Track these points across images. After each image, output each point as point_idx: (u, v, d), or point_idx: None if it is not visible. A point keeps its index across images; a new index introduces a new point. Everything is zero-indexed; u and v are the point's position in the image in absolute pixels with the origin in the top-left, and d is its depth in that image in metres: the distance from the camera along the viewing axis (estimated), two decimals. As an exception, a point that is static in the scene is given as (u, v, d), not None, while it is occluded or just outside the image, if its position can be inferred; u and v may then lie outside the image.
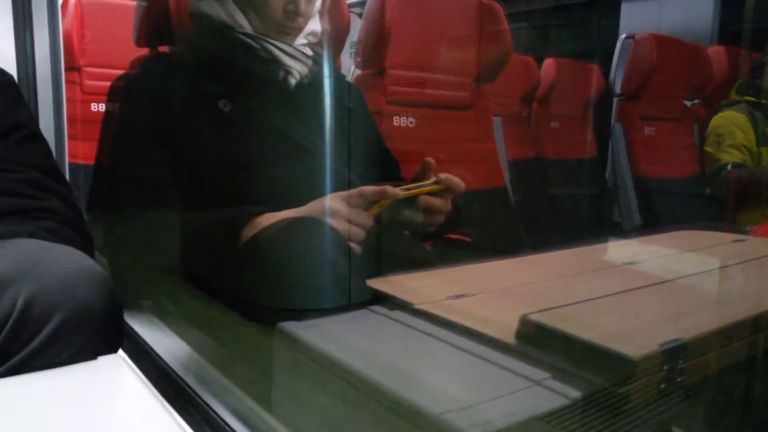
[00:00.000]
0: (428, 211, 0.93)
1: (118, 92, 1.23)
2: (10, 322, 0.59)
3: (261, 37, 0.98)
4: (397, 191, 0.87)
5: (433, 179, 0.93)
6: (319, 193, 0.88)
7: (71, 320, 0.61)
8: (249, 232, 0.83)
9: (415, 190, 0.92)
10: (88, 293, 0.63)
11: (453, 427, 0.43)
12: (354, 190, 0.85)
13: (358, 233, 0.84)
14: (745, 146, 2.24)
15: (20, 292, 0.60)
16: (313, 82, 1.02)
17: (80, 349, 0.62)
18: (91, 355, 0.64)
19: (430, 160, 0.93)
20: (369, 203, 0.86)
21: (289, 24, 1.00)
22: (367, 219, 0.86)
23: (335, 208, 0.85)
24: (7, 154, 0.80)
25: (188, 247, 0.93)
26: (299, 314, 0.68)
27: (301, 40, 1.03)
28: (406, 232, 0.96)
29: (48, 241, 0.71)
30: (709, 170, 2.29)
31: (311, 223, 0.83)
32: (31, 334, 0.60)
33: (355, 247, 0.84)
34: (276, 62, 0.99)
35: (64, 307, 0.61)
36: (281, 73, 1.00)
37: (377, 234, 0.87)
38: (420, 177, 0.93)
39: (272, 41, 0.98)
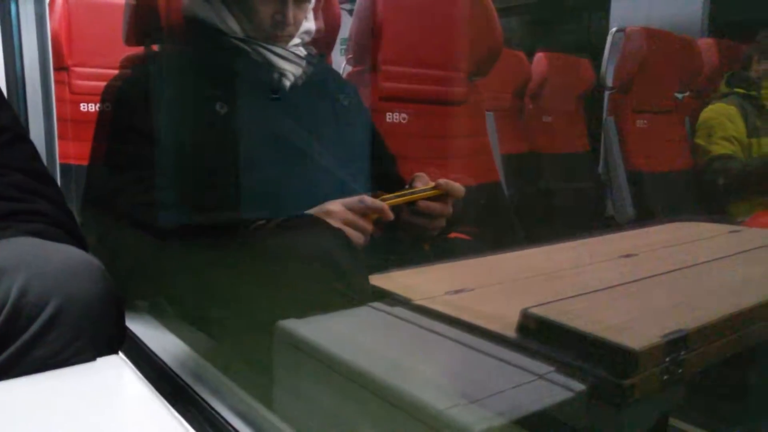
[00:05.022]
0: (428, 216, 0.93)
1: (110, 92, 1.22)
2: (5, 311, 0.59)
3: (253, 40, 0.97)
4: (389, 213, 0.87)
5: (431, 184, 0.93)
6: (314, 194, 0.88)
7: (67, 307, 0.60)
8: None
9: (413, 196, 0.91)
10: (84, 282, 0.63)
11: (459, 422, 0.43)
12: (354, 198, 0.86)
13: (356, 237, 0.85)
14: (735, 138, 2.25)
15: (14, 281, 0.59)
16: (309, 81, 1.01)
17: (77, 338, 0.61)
18: (90, 346, 0.62)
19: (421, 174, 0.95)
20: (367, 210, 0.86)
21: (278, 32, 0.98)
22: (366, 224, 0.85)
23: (332, 210, 0.84)
24: None
25: None
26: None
27: (295, 40, 1.02)
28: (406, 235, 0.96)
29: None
30: (700, 162, 2.31)
31: None
32: (27, 322, 0.59)
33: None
34: (269, 64, 0.98)
35: (59, 294, 0.60)
36: (276, 75, 0.98)
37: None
38: (411, 187, 0.94)
39: (265, 45, 0.97)
